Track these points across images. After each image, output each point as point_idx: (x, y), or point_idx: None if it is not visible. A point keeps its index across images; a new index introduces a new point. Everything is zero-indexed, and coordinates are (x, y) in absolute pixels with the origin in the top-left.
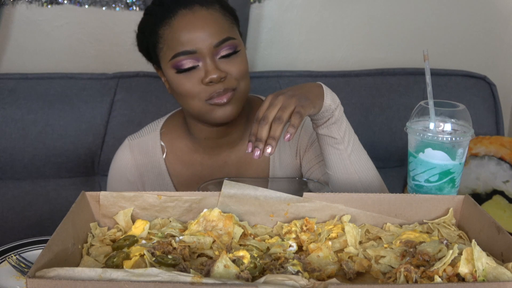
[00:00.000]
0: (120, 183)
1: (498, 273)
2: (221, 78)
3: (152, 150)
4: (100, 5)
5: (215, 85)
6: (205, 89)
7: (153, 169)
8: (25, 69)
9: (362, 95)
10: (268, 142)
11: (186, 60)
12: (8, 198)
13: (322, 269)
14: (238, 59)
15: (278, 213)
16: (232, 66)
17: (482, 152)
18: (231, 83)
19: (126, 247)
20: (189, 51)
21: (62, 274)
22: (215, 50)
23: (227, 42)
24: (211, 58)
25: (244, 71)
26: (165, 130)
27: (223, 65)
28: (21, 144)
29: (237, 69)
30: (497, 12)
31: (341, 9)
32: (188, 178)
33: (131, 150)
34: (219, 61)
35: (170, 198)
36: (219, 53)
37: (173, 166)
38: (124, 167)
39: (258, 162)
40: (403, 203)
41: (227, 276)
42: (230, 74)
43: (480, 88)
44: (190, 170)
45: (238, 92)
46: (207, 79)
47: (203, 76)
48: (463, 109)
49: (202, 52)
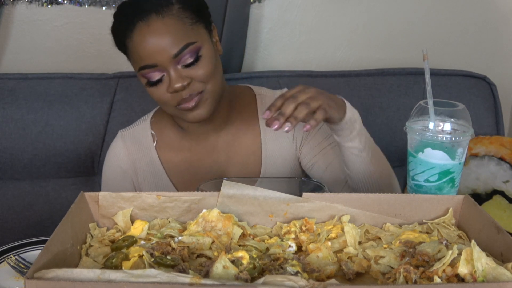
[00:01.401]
0: (114, 172)
1: (498, 273)
2: (185, 86)
3: (143, 139)
4: (100, 5)
5: (181, 93)
6: (172, 97)
7: (144, 157)
8: (25, 69)
9: (362, 95)
10: (289, 120)
11: (151, 73)
12: (8, 198)
13: (322, 269)
14: (201, 63)
15: (277, 213)
16: (195, 71)
17: (482, 152)
18: (196, 88)
19: (125, 247)
20: (150, 65)
21: (61, 275)
22: (175, 59)
23: (187, 50)
24: (174, 68)
25: (209, 73)
26: (154, 120)
27: (186, 71)
28: (21, 144)
29: (201, 73)
30: (497, 12)
31: (341, 9)
32: (179, 164)
33: (123, 141)
34: (182, 68)
35: (169, 198)
36: (180, 62)
37: (164, 153)
38: (117, 156)
39: (249, 145)
40: (403, 203)
41: (226, 277)
42: (195, 79)
43: (480, 88)
44: (180, 156)
45: (206, 93)
46: (170, 89)
47: (168, 86)
48: (463, 108)
49: (163, 64)
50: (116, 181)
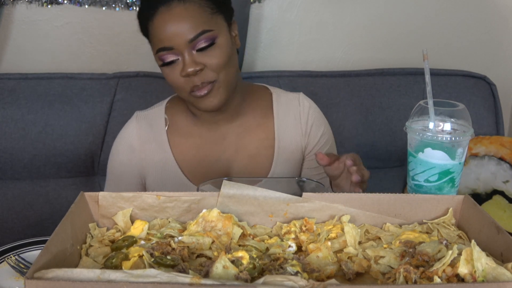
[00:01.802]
0: (123, 148)
1: (498, 273)
2: (197, 71)
3: (156, 122)
4: (100, 5)
5: (193, 78)
6: (186, 82)
7: (155, 139)
8: (25, 69)
9: (362, 95)
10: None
11: (167, 55)
12: (8, 198)
13: (322, 269)
14: (216, 51)
15: (277, 213)
16: (209, 58)
17: (482, 152)
18: (208, 76)
19: (125, 247)
20: (167, 48)
21: (61, 275)
22: (191, 44)
23: (203, 36)
24: (188, 52)
25: (223, 62)
26: (169, 105)
27: (200, 57)
28: (21, 144)
29: (214, 61)
30: (497, 12)
31: (341, 9)
32: (188, 150)
33: (137, 121)
34: (196, 54)
35: (169, 198)
36: (195, 47)
37: (174, 137)
38: (129, 134)
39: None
40: (403, 203)
41: (226, 277)
42: (208, 67)
43: (480, 88)
44: (190, 142)
45: (218, 83)
46: (183, 73)
47: (181, 69)
48: (463, 108)
49: (179, 47)
50: (123, 157)
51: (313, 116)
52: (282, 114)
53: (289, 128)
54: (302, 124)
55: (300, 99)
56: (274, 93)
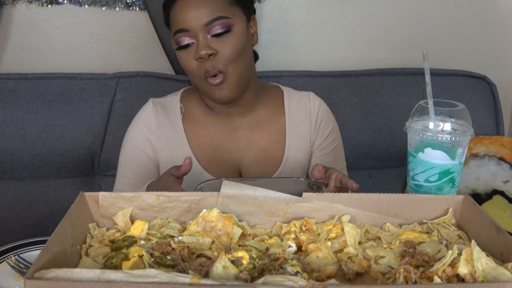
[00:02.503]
0: (139, 130)
1: (498, 273)
2: (209, 55)
3: (172, 109)
4: (100, 5)
5: (206, 63)
6: (198, 66)
7: (171, 124)
8: (25, 69)
9: (362, 95)
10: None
11: (183, 37)
12: (8, 198)
13: (321, 269)
14: (229, 38)
15: (277, 213)
16: (223, 45)
17: (482, 152)
18: (219, 63)
19: (125, 247)
20: (183, 29)
21: (61, 275)
22: (206, 28)
23: (219, 21)
24: (203, 36)
25: (235, 51)
26: (184, 94)
27: (215, 43)
28: (21, 144)
29: (227, 49)
30: (497, 12)
31: (341, 9)
32: (202, 138)
33: (154, 105)
34: (211, 39)
35: (169, 198)
36: (210, 31)
37: (189, 125)
38: (146, 115)
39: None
40: (403, 203)
41: (226, 277)
42: (220, 54)
43: (480, 88)
44: (204, 131)
45: (228, 75)
46: (196, 55)
47: (195, 52)
48: (463, 108)
49: (195, 30)
50: (139, 140)
51: (323, 114)
52: (293, 111)
53: (300, 124)
54: (312, 121)
55: (311, 97)
56: (285, 91)
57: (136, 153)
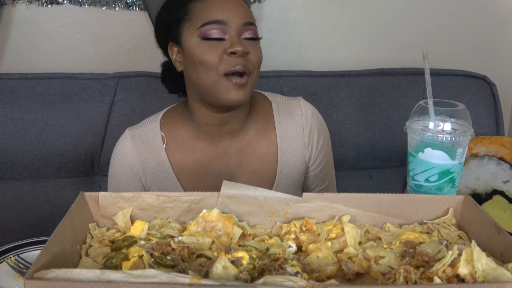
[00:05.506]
0: (123, 171)
1: (498, 274)
2: (245, 53)
3: (153, 140)
4: (100, 5)
5: (237, 59)
6: (227, 61)
7: (154, 158)
8: (25, 69)
9: (362, 95)
10: None
11: (215, 30)
12: (8, 198)
13: (322, 269)
14: (257, 47)
15: (277, 214)
16: (253, 50)
17: (482, 152)
18: (250, 65)
19: (124, 248)
20: (220, 21)
21: (61, 275)
22: (242, 28)
23: (253, 26)
24: (237, 34)
25: (260, 60)
26: (164, 121)
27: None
28: (21, 144)
29: (256, 55)
30: (497, 12)
31: (341, 9)
32: (189, 165)
33: (132, 138)
34: (242, 41)
35: (169, 198)
36: (244, 34)
37: (174, 154)
38: (126, 155)
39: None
40: (403, 203)
41: (226, 277)
42: (251, 56)
43: (480, 88)
44: (191, 158)
45: (252, 78)
46: (232, 49)
47: (228, 46)
48: (463, 108)
49: (231, 25)
50: (125, 180)
51: (316, 125)
52: (284, 125)
53: (292, 139)
54: (305, 134)
55: (302, 107)
56: (273, 102)
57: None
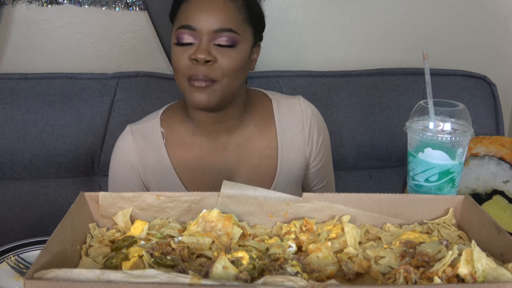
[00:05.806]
0: (123, 167)
1: (498, 274)
2: (206, 61)
3: (153, 136)
4: (100, 5)
5: (199, 66)
6: (189, 66)
7: (154, 154)
8: (25, 69)
9: (362, 95)
10: None
11: (186, 34)
12: (8, 198)
13: (322, 269)
14: (232, 54)
15: (277, 214)
16: (223, 57)
17: (482, 152)
18: (213, 73)
19: (124, 248)
20: (190, 26)
21: (60, 275)
22: (213, 35)
23: (227, 33)
24: (207, 41)
25: (233, 67)
26: (164, 117)
27: (216, 52)
28: (21, 144)
29: (226, 62)
30: (497, 12)
31: (341, 9)
32: (188, 161)
33: (132, 135)
34: (214, 47)
35: (169, 198)
36: (216, 40)
37: (173, 149)
38: (127, 151)
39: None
40: (403, 203)
41: (226, 277)
42: (219, 63)
43: (480, 88)
44: (190, 153)
45: (218, 85)
46: (193, 56)
47: (193, 52)
48: (463, 108)
49: (201, 31)
50: (125, 177)
51: (316, 123)
52: (284, 122)
53: (292, 136)
54: (305, 131)
55: (302, 105)
56: (273, 100)
57: (121, 187)
